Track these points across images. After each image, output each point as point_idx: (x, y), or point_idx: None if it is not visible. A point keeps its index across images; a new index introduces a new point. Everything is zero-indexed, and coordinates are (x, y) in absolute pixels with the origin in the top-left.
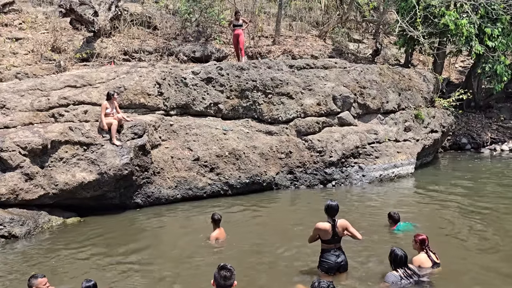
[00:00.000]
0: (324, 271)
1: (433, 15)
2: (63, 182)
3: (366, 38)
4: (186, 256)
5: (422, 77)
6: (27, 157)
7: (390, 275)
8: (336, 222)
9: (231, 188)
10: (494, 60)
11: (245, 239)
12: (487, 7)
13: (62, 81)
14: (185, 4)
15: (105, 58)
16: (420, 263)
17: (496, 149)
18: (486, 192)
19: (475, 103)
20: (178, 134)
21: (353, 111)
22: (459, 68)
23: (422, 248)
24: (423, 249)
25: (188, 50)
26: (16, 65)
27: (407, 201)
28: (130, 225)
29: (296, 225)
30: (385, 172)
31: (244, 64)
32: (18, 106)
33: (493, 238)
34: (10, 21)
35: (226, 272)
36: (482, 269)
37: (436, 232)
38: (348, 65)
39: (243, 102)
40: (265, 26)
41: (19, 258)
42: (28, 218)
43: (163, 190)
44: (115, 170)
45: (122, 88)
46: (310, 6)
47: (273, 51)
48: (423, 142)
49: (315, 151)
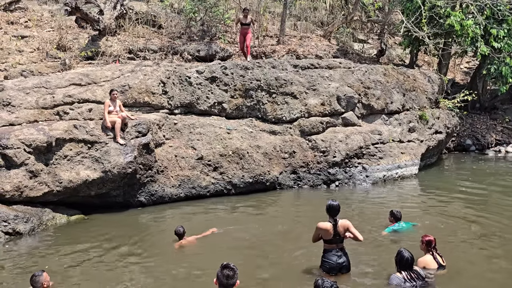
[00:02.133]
0: (325, 271)
1: (439, 15)
2: (67, 180)
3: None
4: (189, 255)
5: (427, 78)
6: (31, 155)
7: (393, 277)
8: (338, 222)
9: (235, 187)
10: (500, 62)
11: (247, 238)
12: (493, 8)
13: (67, 79)
14: (190, 3)
15: (110, 57)
16: (425, 264)
17: (500, 150)
18: (490, 194)
19: (480, 104)
20: (182, 133)
21: (357, 112)
22: (464, 69)
23: (429, 249)
24: (429, 250)
25: (193, 49)
26: (22, 63)
27: (410, 202)
28: (134, 223)
29: (299, 225)
30: (388, 172)
31: (248, 64)
32: (23, 103)
33: (498, 240)
34: (16, 19)
35: (229, 271)
36: (487, 272)
37: (440, 234)
38: (352, 65)
39: (247, 101)
40: (269, 26)
41: (23, 255)
42: (32, 215)
43: (167, 189)
44: (119, 168)
45: (127, 87)
46: (315, 6)
47: (278, 50)
48: (427, 143)
49: (318, 151)
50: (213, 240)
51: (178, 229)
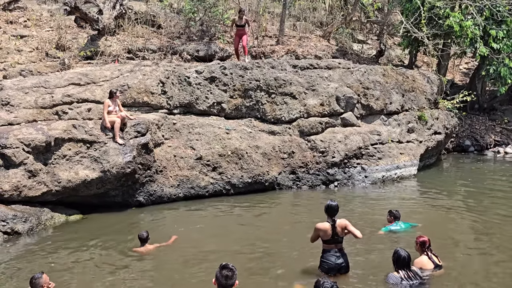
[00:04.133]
0: (324, 271)
1: (438, 16)
2: (66, 180)
3: (370, 39)
4: (187, 255)
5: (426, 79)
6: (30, 154)
7: (391, 276)
8: (336, 222)
9: (233, 187)
10: (499, 62)
11: (246, 239)
12: (492, 9)
13: (66, 79)
14: (189, 3)
15: (109, 56)
16: (421, 265)
17: (499, 151)
18: (488, 195)
19: (479, 105)
20: (181, 133)
21: (356, 112)
22: (463, 70)
23: (423, 250)
24: (424, 251)
25: (192, 49)
26: (21, 62)
27: (409, 203)
28: (132, 223)
29: (298, 225)
30: (387, 173)
31: (247, 64)
32: (22, 103)
33: (496, 241)
34: (15, 19)
35: (227, 271)
36: (485, 272)
37: (438, 235)
38: (351, 66)
39: (246, 101)
40: (269, 26)
41: (21, 255)
42: (31, 215)
43: (166, 189)
44: (118, 168)
45: (126, 87)
46: (314, 6)
47: (277, 51)
48: (426, 144)
49: (317, 152)
50: (213, 240)
51: (142, 234)
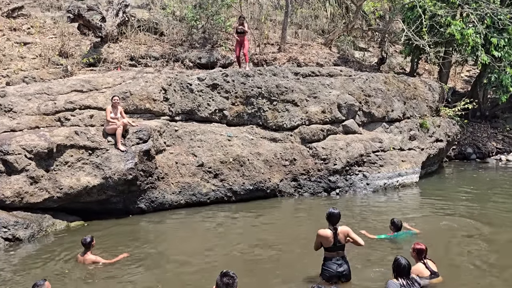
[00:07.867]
0: (325, 279)
1: (439, 24)
2: (68, 186)
3: (371, 47)
4: (189, 262)
5: (428, 86)
6: (32, 161)
7: (390, 283)
8: (338, 230)
9: (235, 194)
10: (500, 70)
11: (247, 246)
12: (493, 17)
13: (68, 86)
14: (192, 11)
15: (112, 64)
16: (418, 272)
17: (501, 159)
18: (490, 203)
19: (481, 113)
20: (182, 140)
21: (358, 119)
22: (464, 78)
23: (419, 258)
24: (420, 259)
25: (194, 56)
26: (24, 69)
27: (410, 210)
28: (134, 229)
29: (299, 233)
30: (389, 180)
31: (249, 71)
32: (24, 109)
33: (497, 249)
34: (19, 26)
35: (228, 279)
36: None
37: (439, 243)
38: (353, 73)
39: (248, 108)
40: (271, 34)
41: (22, 261)
42: (32, 221)
43: (167, 196)
44: (119, 175)
45: (128, 93)
46: (316, 14)
47: (279, 58)
48: (428, 151)
49: (319, 159)
50: (214, 246)
51: (85, 239)
